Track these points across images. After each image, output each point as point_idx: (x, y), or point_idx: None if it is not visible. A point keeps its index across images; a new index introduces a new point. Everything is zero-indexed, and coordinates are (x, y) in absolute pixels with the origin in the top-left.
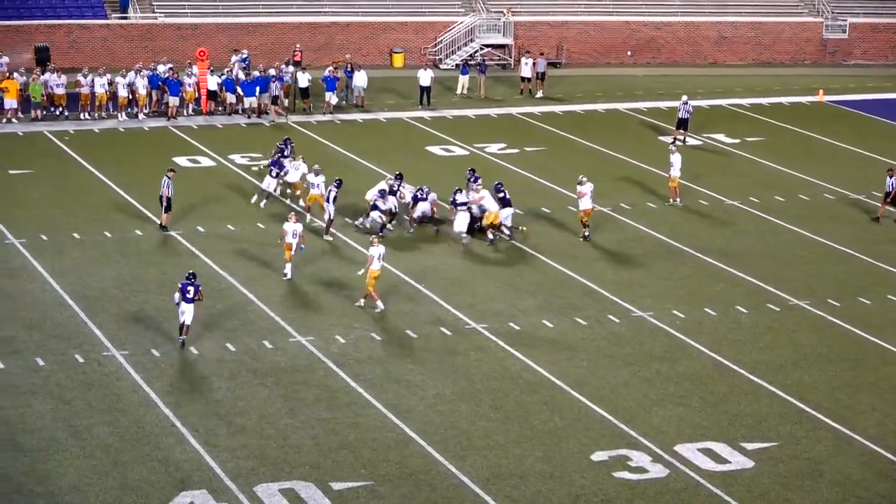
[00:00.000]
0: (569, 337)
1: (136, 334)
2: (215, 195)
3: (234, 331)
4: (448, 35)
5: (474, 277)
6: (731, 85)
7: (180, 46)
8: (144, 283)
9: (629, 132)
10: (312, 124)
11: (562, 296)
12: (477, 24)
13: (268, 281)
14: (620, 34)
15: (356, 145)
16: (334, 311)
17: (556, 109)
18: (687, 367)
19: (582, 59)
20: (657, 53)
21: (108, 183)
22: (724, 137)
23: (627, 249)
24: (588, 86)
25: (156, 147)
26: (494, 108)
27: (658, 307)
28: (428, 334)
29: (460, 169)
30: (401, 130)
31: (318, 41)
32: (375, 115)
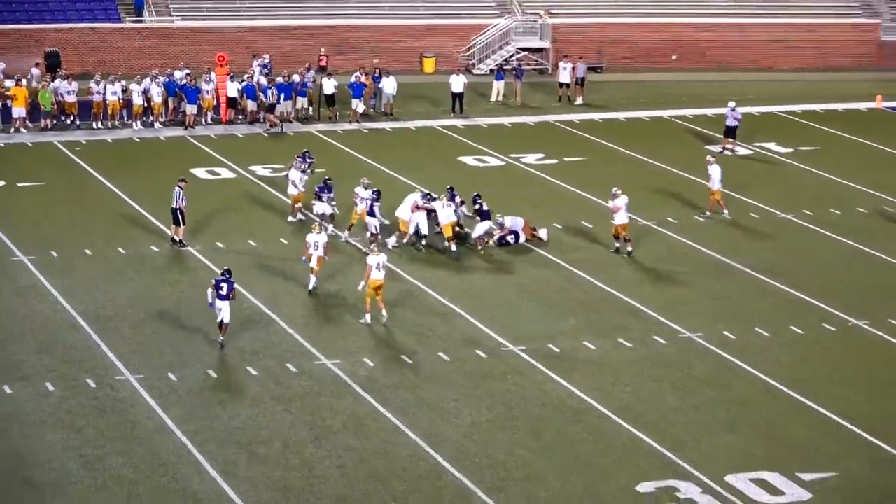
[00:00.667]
0: (612, 359)
1: (152, 357)
2: (235, 208)
3: (256, 353)
4: (482, 38)
5: (511, 296)
6: (783, 91)
7: (198, 51)
8: (160, 302)
9: (674, 141)
10: (338, 133)
11: (604, 316)
12: (512, 27)
13: (291, 300)
14: (665, 36)
15: (384, 156)
16: (362, 332)
17: (596, 117)
18: (738, 391)
19: (624, 63)
20: (704, 57)
21: (121, 196)
22: (775, 146)
23: (673, 265)
24: (630, 92)
25: (172, 158)
26: (531, 115)
27: (707, 327)
28: (462, 357)
29: (495, 181)
30: (432, 140)
31: (344, 45)
32: (405, 124)
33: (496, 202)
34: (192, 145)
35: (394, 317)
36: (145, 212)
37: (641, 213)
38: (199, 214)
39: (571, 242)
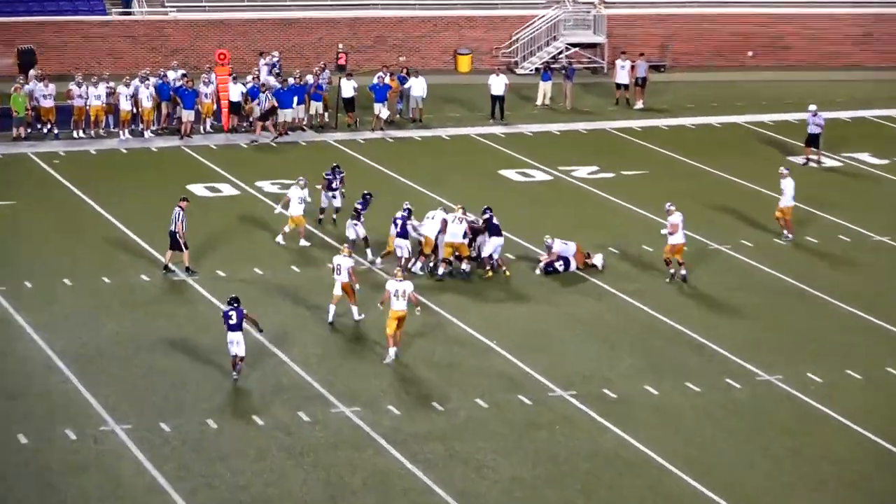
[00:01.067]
0: (677, 406)
1: (142, 404)
2: (239, 231)
3: (263, 399)
4: (526, 32)
5: (558, 331)
6: (878, 92)
7: (196, 48)
8: (152, 340)
9: (751, 151)
10: (359, 143)
11: (668, 354)
12: (562, 19)
13: (304, 337)
14: (739, 29)
15: (412, 169)
16: (386, 374)
17: (660, 123)
18: (825, 443)
19: (691, 60)
20: (786, 53)
21: (106, 217)
22: (869, 157)
23: (748, 296)
24: (699, 94)
25: (166, 172)
26: (583, 121)
27: (788, 368)
28: (502, 403)
29: (542, 197)
30: (468, 150)
31: (365, 41)
32: (436, 132)
33: (542, 222)
34: (189, 157)
35: (422, 355)
36: (134, 235)
37: (711, 235)
38: (198, 238)
39: (629, 269)
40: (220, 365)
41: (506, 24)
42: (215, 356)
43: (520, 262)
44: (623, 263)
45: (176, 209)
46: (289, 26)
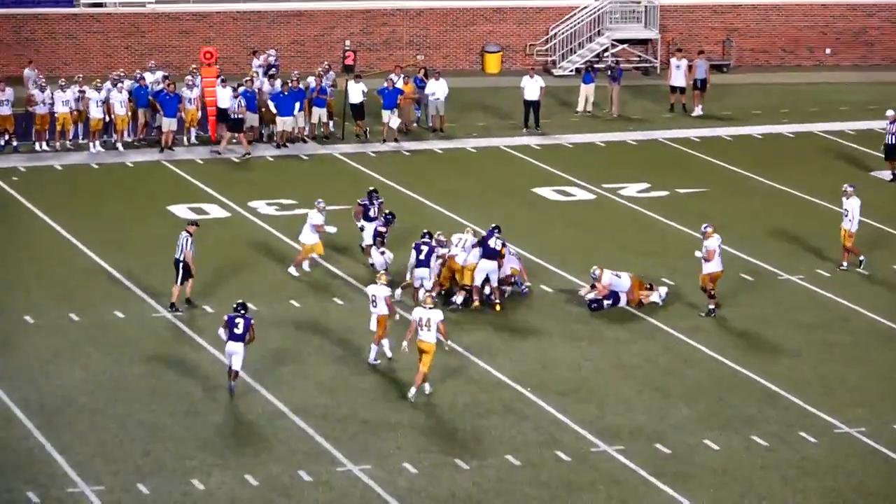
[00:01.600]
0: (742, 464)
1: (116, 461)
2: (230, 260)
3: (258, 456)
4: (565, 27)
5: (602, 376)
6: None
7: (179, 46)
8: (127, 387)
9: (828, 166)
10: (369, 157)
11: (731, 403)
12: (607, 11)
13: (305, 385)
14: (815, 23)
15: (432, 187)
16: (401, 426)
17: (721, 133)
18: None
19: (759, 59)
20: (869, 51)
21: (74, 243)
22: None
23: (827, 335)
24: (768, 98)
25: (143, 190)
26: (632, 131)
27: (873, 420)
28: (537, 460)
29: (584, 219)
30: (497, 165)
31: (377, 37)
32: (460, 143)
33: (584, 249)
34: (170, 173)
35: (444, 404)
36: (107, 265)
37: (781, 263)
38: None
39: (685, 304)
40: (207, 416)
41: (541, 16)
42: (201, 405)
43: (559, 295)
44: (678, 297)
45: (182, 234)
46: (287, 19)
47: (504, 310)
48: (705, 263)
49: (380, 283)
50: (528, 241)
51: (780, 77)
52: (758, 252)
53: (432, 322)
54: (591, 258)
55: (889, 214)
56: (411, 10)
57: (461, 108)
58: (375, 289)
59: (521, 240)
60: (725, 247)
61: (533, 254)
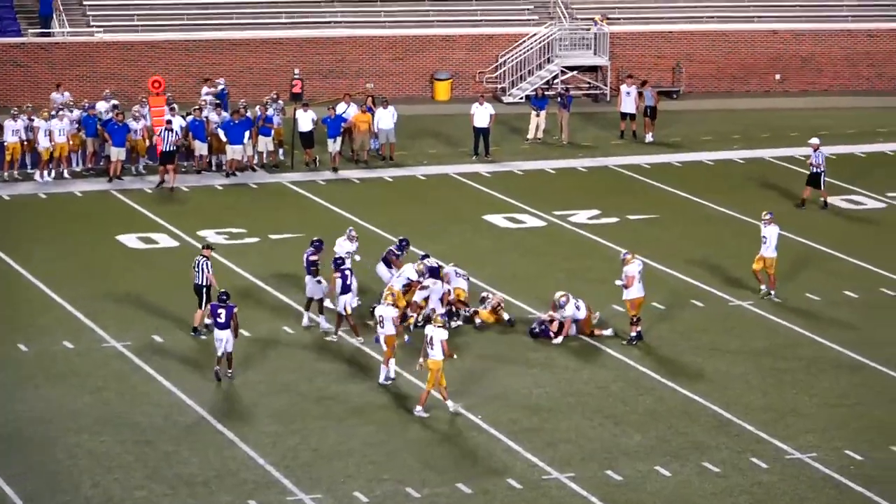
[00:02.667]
0: (694, 490)
1: (65, 492)
2: (178, 289)
3: (207, 486)
4: (515, 54)
5: (554, 404)
6: None
7: (128, 74)
8: (76, 418)
9: (780, 191)
10: (319, 185)
11: (683, 430)
12: (557, 38)
13: (255, 414)
14: (765, 50)
15: (382, 215)
16: (353, 455)
17: (672, 159)
18: None
19: (709, 85)
20: (818, 77)
21: (22, 273)
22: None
23: (778, 361)
24: (719, 125)
25: (92, 220)
26: (583, 157)
27: (824, 445)
28: (489, 488)
29: (534, 247)
30: (448, 192)
31: (325, 64)
32: (411, 171)
33: (533, 277)
34: (119, 203)
35: (395, 431)
36: (56, 295)
37: (733, 290)
38: (131, 296)
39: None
40: (156, 445)
41: (491, 44)
42: (151, 435)
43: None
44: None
45: (199, 259)
46: (235, 48)
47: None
48: (625, 290)
49: (386, 304)
50: (480, 268)
51: (730, 103)
52: (708, 278)
53: (434, 340)
54: (542, 285)
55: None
56: (361, 37)
57: (411, 135)
58: (383, 309)
59: (473, 267)
60: (677, 273)
61: (484, 281)
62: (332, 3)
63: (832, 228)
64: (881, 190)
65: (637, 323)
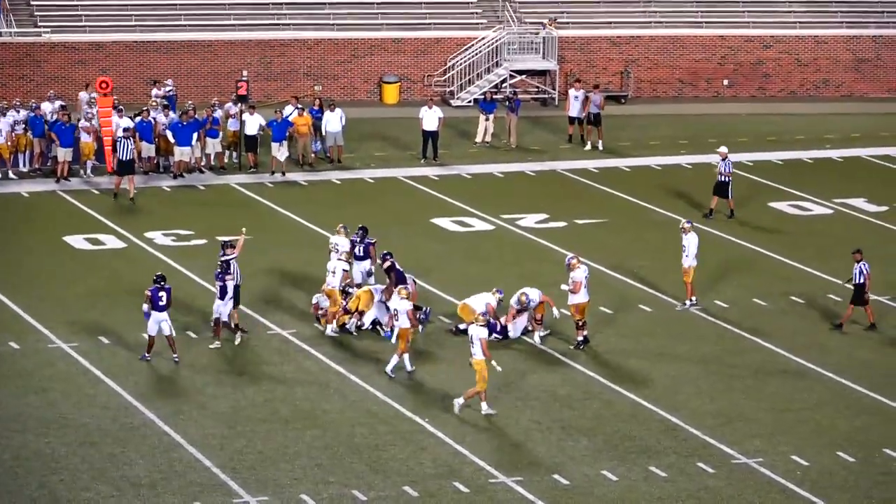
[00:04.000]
0: (641, 494)
1: (11, 494)
2: (127, 290)
3: (154, 487)
4: (463, 58)
5: (502, 408)
6: (875, 127)
7: (75, 75)
8: (22, 419)
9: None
10: (266, 187)
11: (630, 434)
12: (505, 42)
13: (202, 415)
14: (713, 55)
15: (329, 217)
16: (300, 456)
17: (620, 164)
18: None
19: (658, 90)
20: (767, 82)
21: None
22: (864, 204)
23: (726, 367)
24: (667, 129)
25: (39, 221)
26: (531, 161)
27: (770, 450)
28: (435, 491)
29: (482, 250)
30: (395, 195)
31: (273, 67)
32: (358, 174)
33: (481, 280)
34: (67, 203)
35: (342, 434)
36: (2, 295)
37: (680, 294)
38: (78, 297)
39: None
40: (102, 446)
41: (439, 47)
42: (97, 436)
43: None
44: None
45: (228, 258)
46: (184, 49)
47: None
48: (572, 295)
49: (401, 298)
50: (427, 272)
51: (678, 108)
52: (656, 283)
53: (475, 339)
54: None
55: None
56: (309, 40)
57: (359, 138)
58: (397, 303)
59: (420, 270)
60: (624, 278)
61: (431, 284)
62: (281, 5)
63: (780, 233)
64: (828, 196)
65: (583, 327)
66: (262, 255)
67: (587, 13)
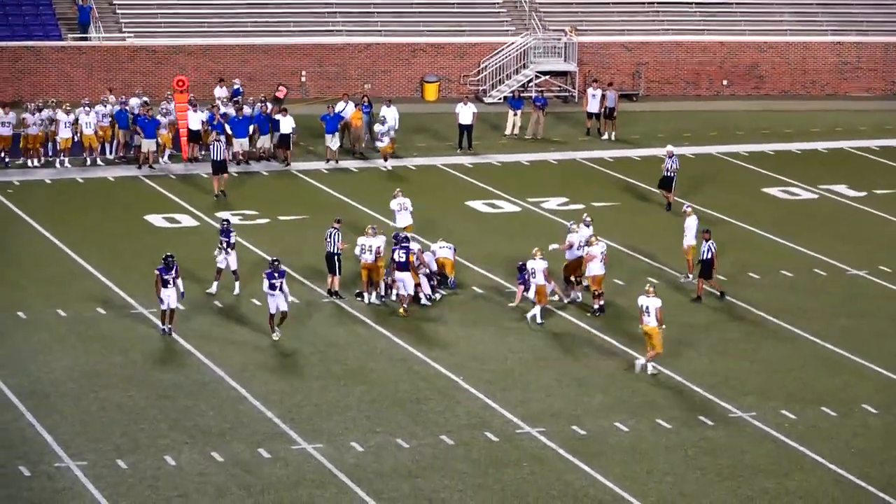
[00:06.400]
0: (648, 444)
1: (98, 440)
2: (198, 263)
3: (223, 436)
4: (495, 60)
5: (527, 368)
6: (856, 122)
7: (155, 74)
8: (107, 375)
9: (727, 183)
10: (322, 173)
11: (640, 391)
12: (532, 47)
13: (264, 373)
14: (714, 58)
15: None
16: (350, 409)
17: (631, 154)
18: (800, 482)
19: (665, 90)
20: (761, 82)
21: (62, 248)
22: (845, 189)
23: (724, 332)
24: (673, 123)
25: (123, 202)
26: (554, 151)
27: (762, 406)
28: (468, 441)
29: (509, 229)
30: (435, 181)
31: (327, 67)
32: (403, 162)
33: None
34: (147, 187)
35: (387, 390)
36: (91, 267)
37: (682, 267)
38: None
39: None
40: (177, 400)
41: (474, 51)
42: (171, 391)
43: (488, 294)
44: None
45: (330, 230)
46: (250, 53)
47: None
48: (589, 266)
49: (538, 258)
50: (461, 247)
51: (683, 105)
52: (662, 258)
53: (651, 309)
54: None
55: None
56: (360, 44)
57: (403, 131)
58: (534, 263)
59: (455, 245)
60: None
61: (465, 259)
62: (335, 13)
63: (771, 216)
64: (814, 182)
65: (599, 297)
66: (318, 232)
67: (603, 21)
